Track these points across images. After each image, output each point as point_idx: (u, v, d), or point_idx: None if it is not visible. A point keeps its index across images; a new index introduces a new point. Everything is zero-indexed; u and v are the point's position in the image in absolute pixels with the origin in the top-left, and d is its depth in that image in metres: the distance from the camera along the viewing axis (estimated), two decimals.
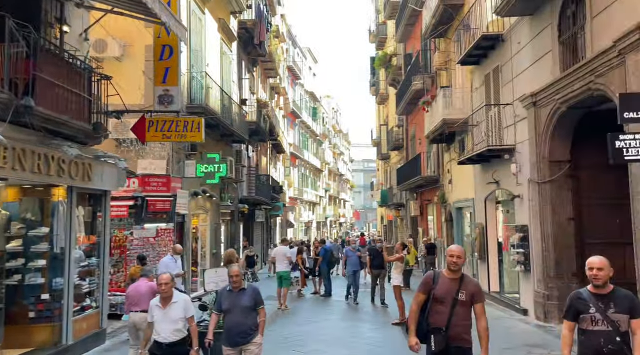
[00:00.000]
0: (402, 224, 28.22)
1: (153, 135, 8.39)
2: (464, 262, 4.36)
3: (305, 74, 50.91)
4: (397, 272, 10.61)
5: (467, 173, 14.57)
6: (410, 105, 22.66)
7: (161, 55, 8.40)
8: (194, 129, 8.45)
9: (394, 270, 10.71)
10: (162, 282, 4.93)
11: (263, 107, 22.69)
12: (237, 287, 5.11)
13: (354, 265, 13.05)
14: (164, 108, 8.39)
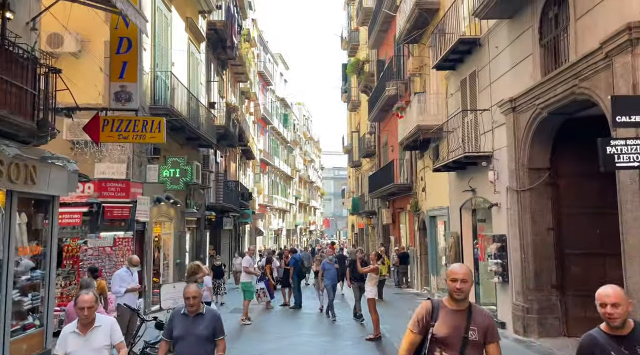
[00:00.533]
0: (374, 232, 27.84)
1: (108, 136, 7.63)
2: (471, 287, 3.21)
3: (277, 80, 50.40)
4: (371, 284, 10.09)
5: (441, 181, 14.24)
6: (382, 112, 22.38)
7: (118, 49, 7.65)
8: (154, 129, 7.74)
9: (368, 282, 10.19)
10: (83, 305, 3.90)
11: (232, 111, 21.98)
12: (194, 311, 4.25)
13: (332, 278, 12.27)
14: (120, 106, 7.65)
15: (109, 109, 7.84)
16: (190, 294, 4.25)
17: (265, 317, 12.55)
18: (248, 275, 11.79)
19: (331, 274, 12.19)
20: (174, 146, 14.85)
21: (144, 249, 11.85)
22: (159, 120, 7.96)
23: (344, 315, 12.68)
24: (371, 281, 10.10)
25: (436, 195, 15.02)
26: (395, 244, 21.07)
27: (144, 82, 12.58)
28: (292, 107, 58.46)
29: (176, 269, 15.13)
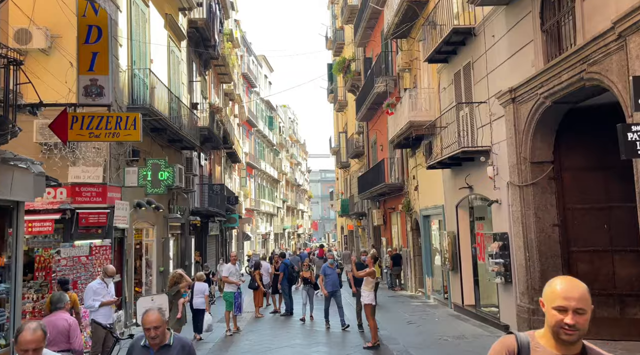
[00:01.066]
0: (364, 234, 27.30)
1: (77, 134, 6.92)
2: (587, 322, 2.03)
3: (261, 82, 49.79)
4: (368, 289, 9.50)
5: (435, 179, 13.74)
6: (371, 111, 21.87)
7: (87, 38, 6.94)
8: (129, 126, 7.05)
9: (364, 286, 9.60)
10: (27, 347, 2.96)
11: (216, 112, 21.27)
12: (157, 344, 3.40)
13: (334, 284, 11.10)
14: (91, 101, 6.95)
15: (78, 104, 7.13)
16: (150, 323, 3.36)
17: (255, 327, 11.88)
18: (232, 286, 10.99)
19: (332, 280, 11.10)
20: (154, 148, 14.14)
21: (123, 257, 11.11)
22: (134, 116, 7.26)
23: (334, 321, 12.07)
24: (367, 286, 9.52)
25: (430, 194, 14.51)
26: (387, 245, 20.54)
27: (120, 80, 11.87)
28: (278, 109, 57.87)
29: (160, 277, 14.38)
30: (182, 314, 8.36)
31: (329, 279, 11.10)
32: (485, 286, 11.08)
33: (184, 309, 8.48)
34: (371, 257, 10.10)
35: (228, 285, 10.86)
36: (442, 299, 13.82)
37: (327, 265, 11.23)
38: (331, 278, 11.07)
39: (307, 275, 12.29)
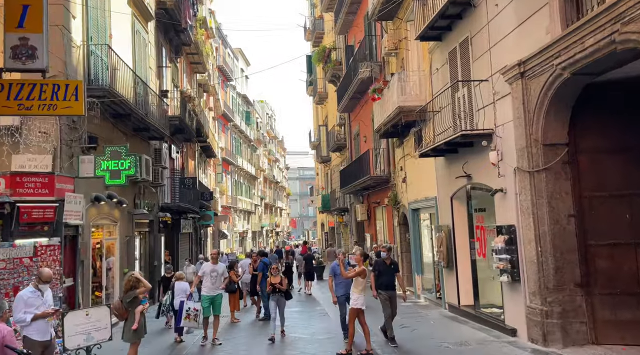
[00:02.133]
0: (346, 230, 26.21)
1: (3, 106, 5.58)
2: None
3: (237, 75, 48.28)
4: (357, 291, 8.35)
5: (426, 169, 12.69)
6: (353, 101, 20.75)
7: None
8: (69, 97, 5.72)
9: (353, 288, 8.44)
10: None
11: (188, 100, 19.83)
12: None
13: (347, 286, 8.85)
14: (20, 65, 5.60)
15: (4, 69, 5.77)
16: None
17: (230, 334, 10.61)
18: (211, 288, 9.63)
19: (345, 281, 8.90)
20: (117, 136, 12.70)
21: (77, 258, 9.71)
22: (76, 83, 5.93)
23: (321, 325, 10.90)
24: (357, 287, 8.36)
25: (419, 185, 13.45)
26: (372, 242, 19.46)
27: (74, 57, 10.45)
28: (255, 104, 56.45)
29: (123, 279, 12.96)
30: (140, 325, 7.06)
31: (341, 281, 9.01)
32: (486, 285, 10.06)
33: (142, 319, 7.18)
34: (360, 255, 8.83)
35: (209, 288, 9.51)
36: (435, 298, 12.79)
37: (337, 264, 8.91)
38: (343, 279, 8.85)
39: (276, 282, 9.86)
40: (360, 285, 8.32)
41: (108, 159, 9.98)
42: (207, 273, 9.64)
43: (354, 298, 8.32)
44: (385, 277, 8.84)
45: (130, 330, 7.05)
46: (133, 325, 7.04)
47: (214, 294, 9.60)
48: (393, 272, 9.01)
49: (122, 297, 7.14)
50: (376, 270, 9.00)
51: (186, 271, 13.20)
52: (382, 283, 8.81)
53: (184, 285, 10.39)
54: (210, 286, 9.57)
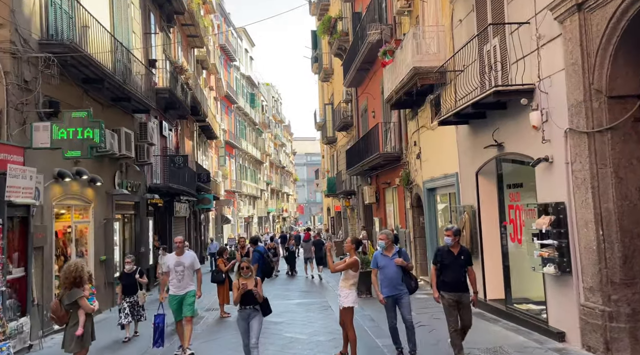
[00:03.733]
0: (353, 214, 24.57)
1: None
2: None
3: (241, 56, 46.50)
4: (347, 286, 6.64)
5: (445, 141, 10.96)
6: (361, 73, 18.94)
7: None
8: None
9: (342, 283, 6.73)
10: None
11: (180, 72, 18.11)
12: None
13: (394, 282, 6.53)
14: None
15: None
16: None
17: (217, 333, 9.04)
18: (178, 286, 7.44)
19: (390, 274, 6.54)
20: (90, 106, 11.05)
21: (28, 244, 8.12)
22: None
23: (322, 322, 9.29)
24: (347, 281, 6.65)
25: (437, 161, 11.73)
26: (381, 226, 17.80)
27: (26, 6, 8.77)
28: (260, 87, 54.72)
29: (101, 268, 11.45)
30: (86, 330, 5.47)
31: (386, 275, 6.58)
32: (521, 276, 8.37)
33: (89, 324, 5.57)
34: (351, 242, 6.77)
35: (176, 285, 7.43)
36: None
37: (381, 253, 6.67)
38: (389, 272, 6.54)
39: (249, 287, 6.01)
40: (351, 280, 6.64)
41: (66, 127, 8.32)
42: (171, 268, 7.44)
43: (343, 294, 6.64)
44: (451, 272, 6.20)
45: (72, 337, 5.47)
46: (77, 331, 5.45)
47: (181, 292, 7.42)
48: (463, 265, 6.27)
49: (61, 296, 5.53)
50: (438, 261, 6.38)
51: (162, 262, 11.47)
52: (447, 281, 6.20)
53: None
54: (177, 284, 7.42)
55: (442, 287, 6.26)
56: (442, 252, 6.39)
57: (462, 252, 6.37)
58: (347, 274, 6.62)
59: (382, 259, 6.62)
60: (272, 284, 16.27)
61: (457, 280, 6.20)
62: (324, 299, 12.06)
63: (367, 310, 10.11)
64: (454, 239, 6.33)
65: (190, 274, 7.54)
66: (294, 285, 15.79)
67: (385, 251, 6.70)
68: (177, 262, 7.41)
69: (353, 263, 6.59)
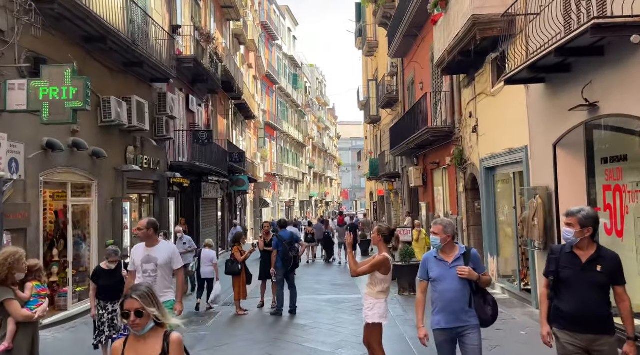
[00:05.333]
0: (397, 199, 22.60)
1: None
2: None
3: (284, 35, 44.92)
4: (374, 294, 4.84)
5: (509, 109, 8.88)
6: (407, 39, 16.82)
7: None
8: None
9: (368, 289, 4.94)
10: None
11: (206, 41, 16.61)
12: None
13: (456, 306, 3.91)
14: None
15: None
16: None
17: (228, 338, 7.53)
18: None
19: (452, 294, 3.93)
20: (95, 70, 9.68)
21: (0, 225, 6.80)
22: None
23: (352, 328, 7.57)
24: (373, 287, 4.86)
25: (498, 134, 9.65)
26: (428, 212, 15.82)
27: None
28: (304, 67, 53.03)
29: None
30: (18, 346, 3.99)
31: (443, 293, 3.97)
32: None
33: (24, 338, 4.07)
34: (379, 232, 4.95)
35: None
36: (518, 291, 9.17)
37: (435, 256, 4.08)
38: (447, 289, 3.94)
39: None
40: (379, 285, 4.81)
41: (46, 85, 6.89)
42: (137, 265, 5.09)
43: (368, 305, 4.84)
44: (576, 294, 3.56)
45: None
46: (2, 343, 3.97)
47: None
48: (603, 283, 3.55)
49: None
50: (551, 272, 3.71)
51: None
52: (567, 311, 3.59)
53: (211, 253, 9.61)
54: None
55: (558, 319, 3.63)
56: (558, 256, 3.67)
57: (600, 258, 3.58)
58: (374, 278, 4.81)
59: (437, 266, 4.00)
60: (304, 273, 14.73)
61: (587, 311, 3.50)
62: (358, 295, 10.33)
63: (409, 313, 8.30)
64: (581, 232, 3.54)
65: (166, 275, 5.12)
66: (327, 275, 14.17)
67: (442, 253, 4.00)
68: (146, 256, 5.05)
69: (380, 263, 4.74)
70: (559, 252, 3.70)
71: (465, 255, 3.96)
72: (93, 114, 9.66)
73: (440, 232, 3.97)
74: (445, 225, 4.02)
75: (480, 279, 3.90)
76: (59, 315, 8.39)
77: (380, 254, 4.77)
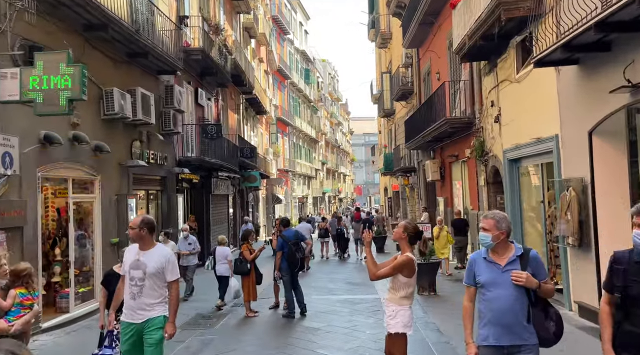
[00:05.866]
0: (413, 194, 21.96)
1: None
2: None
3: (296, 29, 44.36)
4: (396, 300, 4.22)
5: (536, 95, 8.24)
6: (423, 28, 16.17)
7: None
8: None
9: (390, 294, 4.30)
10: None
11: (215, 32, 16.12)
12: None
13: (511, 319, 3.20)
14: None
15: None
16: None
17: (236, 344, 7.05)
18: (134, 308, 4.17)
19: (505, 305, 3.23)
20: (98, 61, 9.25)
21: None
22: None
23: (370, 332, 7.02)
24: (395, 292, 4.22)
25: (524, 123, 9.01)
26: (446, 207, 15.20)
27: None
28: (316, 62, 52.45)
29: (112, 252, 9.72)
30: None
31: (494, 303, 3.24)
32: None
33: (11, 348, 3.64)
34: (405, 229, 4.28)
35: (131, 306, 4.19)
36: None
37: (484, 257, 3.35)
38: (500, 297, 3.23)
39: None
40: (402, 290, 4.18)
41: (40, 74, 6.43)
42: (125, 271, 4.30)
43: (390, 312, 4.20)
44: None
45: None
46: None
47: (138, 320, 4.13)
48: None
49: None
50: (616, 286, 2.94)
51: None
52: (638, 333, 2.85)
53: (226, 250, 9.35)
54: (131, 302, 4.18)
55: (628, 347, 2.87)
56: (626, 267, 2.92)
57: None
58: (396, 282, 4.20)
59: (486, 269, 3.29)
60: (317, 271, 14.24)
61: None
62: (375, 295, 9.80)
63: (430, 315, 7.73)
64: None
65: (156, 286, 4.16)
66: (342, 273, 13.63)
67: (493, 254, 3.29)
68: (135, 261, 4.19)
69: (403, 264, 4.11)
70: (627, 261, 2.90)
71: (522, 257, 3.24)
72: (95, 106, 9.24)
73: (492, 228, 3.22)
74: (498, 219, 3.27)
75: (540, 287, 3.16)
76: (60, 318, 7.98)
77: (403, 254, 4.19)
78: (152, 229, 4.24)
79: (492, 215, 3.33)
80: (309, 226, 15.25)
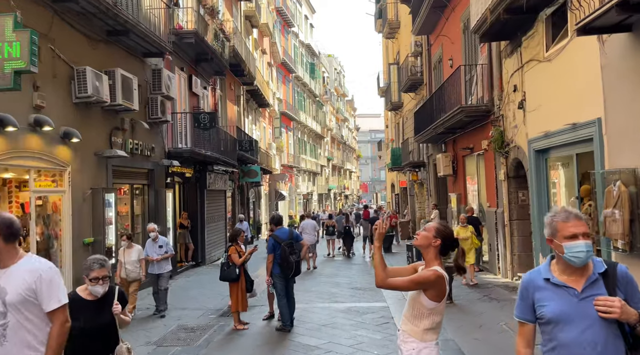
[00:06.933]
0: (422, 190, 20.76)
1: None
2: None
3: (300, 23, 43.20)
4: (419, 333, 2.90)
5: (572, 73, 7.05)
6: (435, 12, 14.98)
7: None
8: None
9: (410, 321, 2.95)
10: None
11: (210, 14, 14.98)
12: None
13: None
14: None
15: None
16: None
17: (220, 353, 5.93)
18: None
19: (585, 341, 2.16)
20: (65, 36, 8.15)
21: None
22: None
23: (382, 354, 5.87)
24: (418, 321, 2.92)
25: (555, 107, 7.81)
26: (458, 204, 14.02)
27: None
28: (321, 57, 51.23)
29: (85, 254, 8.61)
30: None
31: (570, 340, 2.16)
32: None
33: None
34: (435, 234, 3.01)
35: None
36: None
37: (547, 278, 2.28)
38: (577, 331, 2.15)
39: None
40: (427, 318, 2.90)
41: None
42: None
43: (406, 350, 2.92)
44: None
45: None
46: None
47: None
48: None
49: None
50: None
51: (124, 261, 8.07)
52: None
53: None
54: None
55: None
56: None
57: None
58: (418, 306, 2.91)
59: (554, 296, 2.22)
60: (320, 272, 13.13)
61: None
62: (383, 302, 8.65)
63: (448, 330, 6.57)
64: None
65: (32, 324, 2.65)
66: (346, 276, 12.48)
67: (561, 273, 2.25)
68: None
69: (428, 281, 2.86)
70: None
71: (606, 276, 2.18)
72: (65, 88, 8.15)
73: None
74: (585, 220, 2.24)
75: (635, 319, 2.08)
76: None
77: (428, 268, 2.96)
78: (13, 234, 2.64)
79: (579, 215, 2.22)
80: (313, 223, 14.40)
